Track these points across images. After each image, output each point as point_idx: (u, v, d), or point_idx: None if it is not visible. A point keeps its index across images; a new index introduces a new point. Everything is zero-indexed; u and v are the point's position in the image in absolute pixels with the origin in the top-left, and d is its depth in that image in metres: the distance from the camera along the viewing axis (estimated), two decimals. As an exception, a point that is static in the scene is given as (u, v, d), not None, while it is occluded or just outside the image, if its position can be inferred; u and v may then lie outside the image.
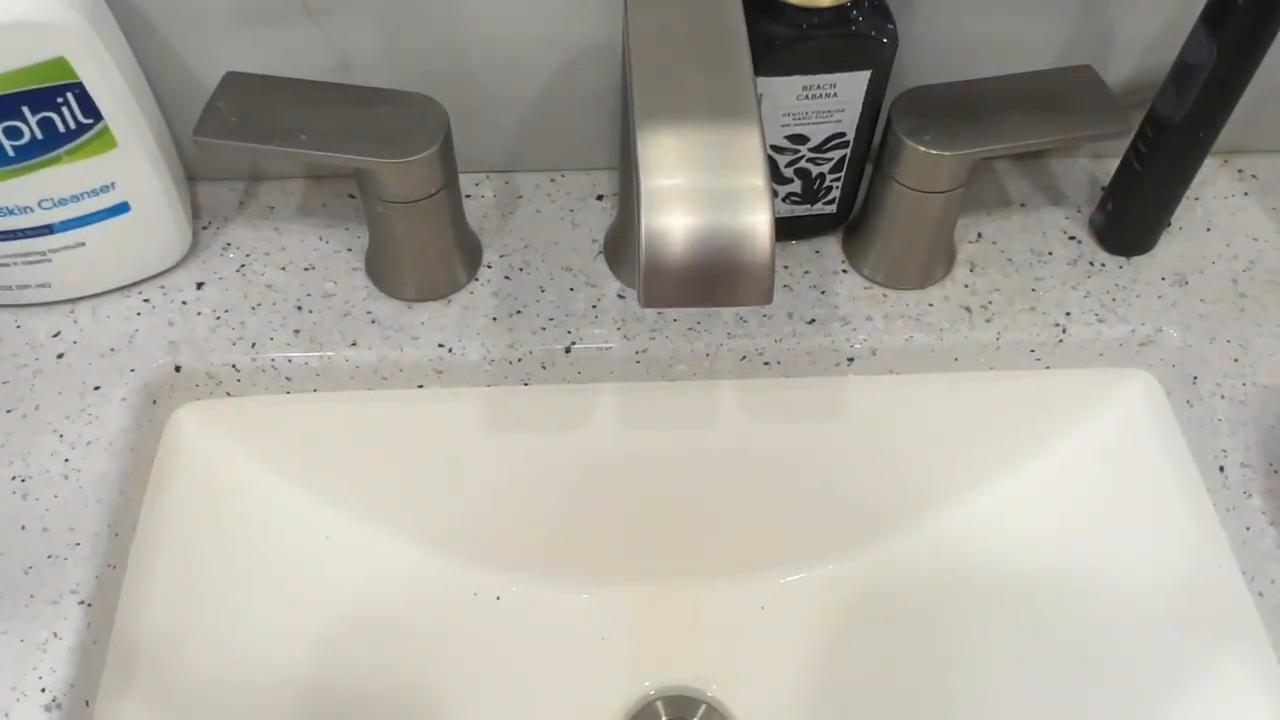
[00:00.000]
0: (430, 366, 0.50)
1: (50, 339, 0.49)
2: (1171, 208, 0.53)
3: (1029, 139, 0.47)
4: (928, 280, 0.52)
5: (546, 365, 0.50)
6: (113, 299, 0.51)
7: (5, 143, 0.43)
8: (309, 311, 0.50)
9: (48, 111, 0.43)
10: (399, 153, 0.45)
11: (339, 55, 0.49)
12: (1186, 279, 0.53)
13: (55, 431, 0.46)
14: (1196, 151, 0.49)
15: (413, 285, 0.51)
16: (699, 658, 0.57)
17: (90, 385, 0.48)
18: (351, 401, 0.51)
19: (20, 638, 0.41)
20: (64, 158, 0.45)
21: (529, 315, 0.51)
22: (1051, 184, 0.57)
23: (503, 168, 0.56)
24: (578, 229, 0.54)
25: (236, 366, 0.49)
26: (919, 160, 0.47)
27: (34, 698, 0.40)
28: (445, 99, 0.47)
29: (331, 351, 0.49)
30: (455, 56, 0.50)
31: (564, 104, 0.53)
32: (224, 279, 0.52)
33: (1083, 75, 0.49)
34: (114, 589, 0.44)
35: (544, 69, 0.51)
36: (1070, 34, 0.51)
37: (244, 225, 0.54)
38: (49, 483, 0.45)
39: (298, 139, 0.45)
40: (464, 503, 0.55)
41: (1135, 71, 0.53)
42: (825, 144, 0.48)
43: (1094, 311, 0.51)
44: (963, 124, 0.47)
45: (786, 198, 0.51)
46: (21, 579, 0.42)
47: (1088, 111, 0.48)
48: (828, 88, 0.46)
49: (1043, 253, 0.54)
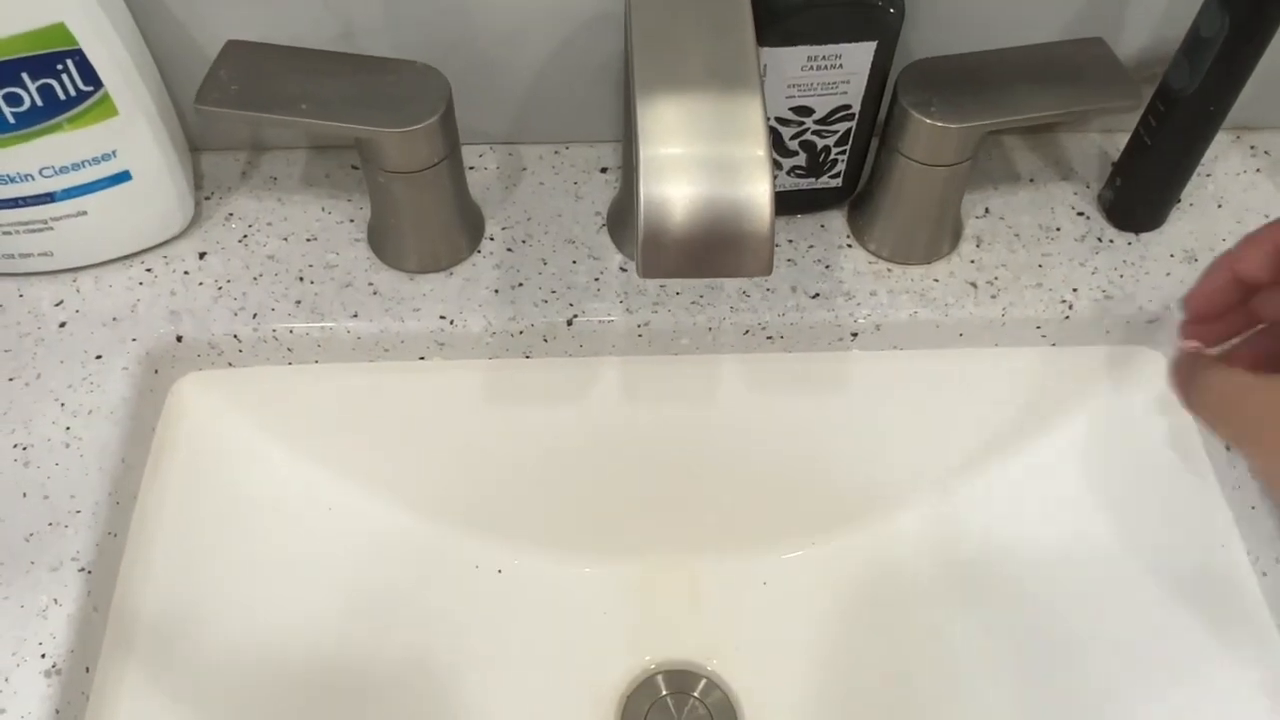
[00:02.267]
0: (432, 338, 0.50)
1: (52, 308, 0.49)
2: (1182, 183, 0.52)
3: (1037, 112, 0.46)
4: (933, 255, 0.52)
5: (548, 338, 0.50)
6: (115, 268, 0.51)
7: (5, 110, 0.43)
8: (311, 282, 0.50)
9: (48, 78, 0.43)
10: (400, 122, 0.44)
11: (341, 23, 0.49)
12: (1196, 256, 0.52)
13: (57, 400, 0.46)
14: (1208, 126, 0.48)
15: (414, 257, 0.50)
16: (700, 632, 0.57)
17: (92, 354, 0.48)
18: (353, 373, 0.51)
19: (21, 604, 0.41)
20: (65, 125, 0.44)
21: (531, 288, 0.50)
22: (1060, 159, 0.56)
23: (506, 139, 0.56)
24: (581, 201, 0.54)
25: (238, 337, 0.49)
26: (925, 133, 0.46)
27: (34, 664, 0.40)
28: (448, 69, 0.46)
29: (333, 323, 0.49)
30: (459, 25, 0.50)
31: (569, 75, 0.52)
32: (226, 249, 0.51)
33: (1093, 48, 0.48)
34: (115, 557, 0.44)
35: (548, 39, 0.50)
36: (1081, 5, 0.50)
37: (247, 195, 0.53)
38: (50, 451, 0.45)
39: (299, 108, 0.44)
40: (465, 475, 0.55)
41: (1147, 44, 0.52)
42: (830, 116, 0.48)
43: (1101, 288, 0.51)
44: (970, 96, 0.46)
45: (791, 171, 0.51)
46: (22, 546, 0.42)
47: (1098, 84, 0.47)
48: (833, 58, 0.45)
49: (1050, 228, 0.53)
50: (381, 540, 0.55)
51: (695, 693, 0.56)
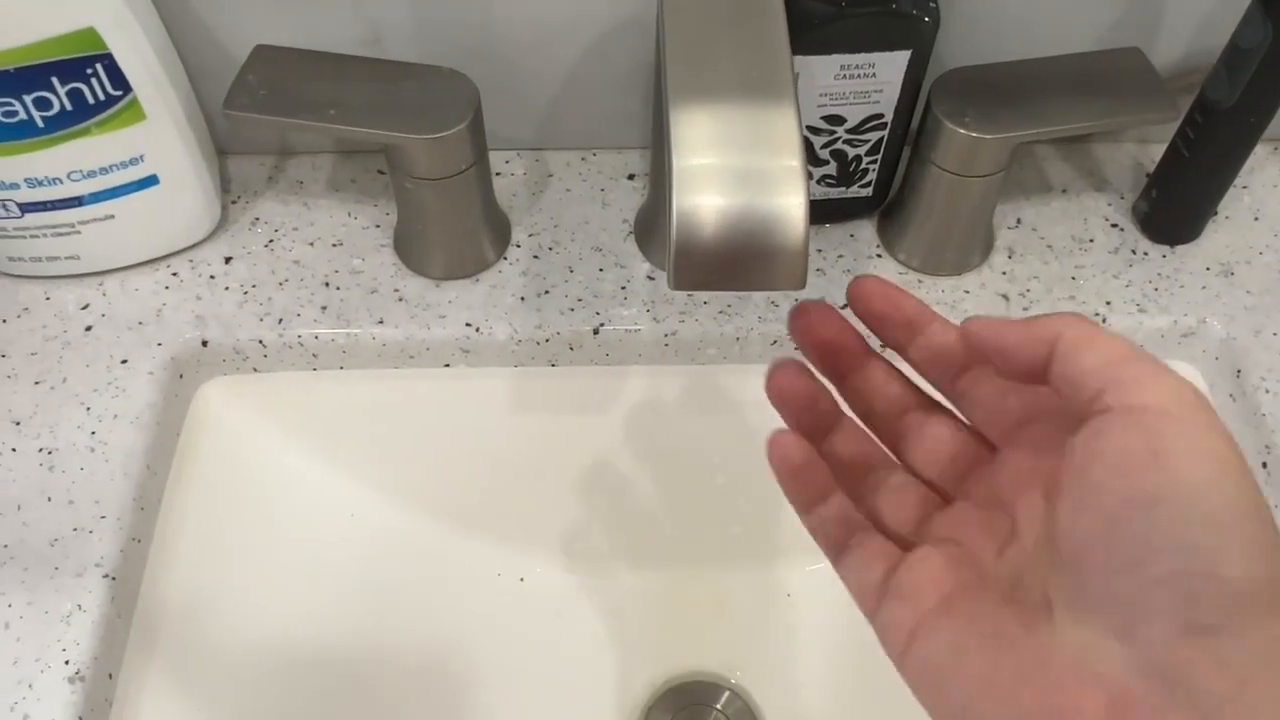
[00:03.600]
0: (457, 346, 0.49)
1: (79, 311, 0.49)
2: (1219, 196, 0.51)
3: (1072, 123, 0.46)
4: (964, 267, 0.51)
5: (574, 346, 0.50)
6: (141, 272, 0.50)
7: (35, 114, 0.43)
8: (336, 288, 0.50)
9: (77, 82, 0.43)
10: (428, 128, 0.44)
11: (370, 29, 0.49)
12: (1232, 269, 0.51)
13: (83, 404, 0.46)
14: (1247, 138, 0.48)
15: (441, 263, 0.50)
16: (723, 645, 0.56)
17: (118, 359, 0.48)
18: (378, 379, 0.51)
19: (45, 610, 0.41)
20: (93, 129, 0.44)
21: (557, 295, 0.50)
22: (1094, 169, 0.55)
23: (533, 145, 0.55)
24: (608, 209, 0.53)
25: (263, 342, 0.49)
26: (959, 143, 0.46)
27: (58, 670, 0.40)
28: (476, 74, 0.46)
29: (358, 329, 0.49)
30: (487, 31, 0.49)
31: (596, 81, 0.52)
32: (252, 254, 0.51)
33: (1130, 58, 0.47)
34: (139, 563, 0.44)
35: (576, 45, 0.50)
36: (1118, 15, 0.50)
37: (273, 200, 0.53)
38: (76, 455, 0.45)
39: (327, 113, 0.44)
40: (489, 483, 0.55)
41: (1185, 54, 0.51)
42: (862, 125, 0.47)
43: (1135, 301, 0.50)
44: (1004, 106, 0.46)
45: (821, 180, 0.50)
46: (47, 551, 0.42)
47: (1134, 95, 0.46)
48: (866, 67, 0.45)
49: (1084, 240, 0.52)
50: (404, 547, 0.55)
51: (718, 705, 0.55)
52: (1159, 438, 0.23)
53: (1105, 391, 0.24)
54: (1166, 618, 0.23)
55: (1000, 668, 0.25)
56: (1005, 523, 0.29)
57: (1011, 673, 0.25)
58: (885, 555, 0.30)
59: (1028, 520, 0.28)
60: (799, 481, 0.32)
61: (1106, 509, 0.23)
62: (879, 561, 0.30)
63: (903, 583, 0.29)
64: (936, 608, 0.28)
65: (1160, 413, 0.23)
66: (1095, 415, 0.24)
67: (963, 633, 0.27)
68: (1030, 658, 0.25)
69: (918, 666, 0.27)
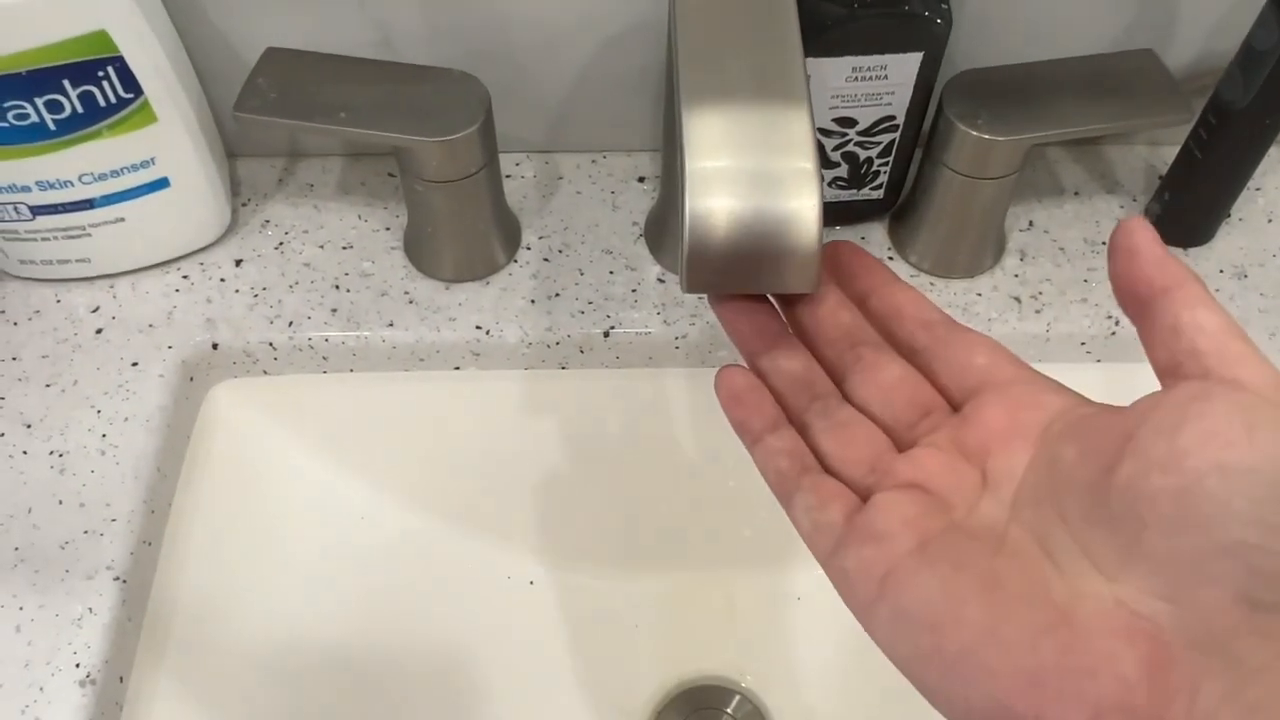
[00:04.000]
0: (467, 348, 0.49)
1: (89, 314, 0.49)
2: (1232, 198, 0.51)
3: (1085, 125, 0.46)
4: (976, 269, 0.51)
5: (585, 349, 0.49)
6: (152, 275, 0.50)
7: (46, 116, 0.43)
8: (347, 291, 0.50)
9: (88, 85, 0.43)
10: (439, 131, 0.44)
11: (380, 31, 0.49)
12: (1246, 272, 0.51)
13: (93, 407, 0.46)
14: (1261, 140, 0.47)
15: (451, 266, 0.50)
16: (733, 648, 0.56)
17: (128, 361, 0.48)
18: (388, 382, 0.50)
19: (56, 613, 0.41)
20: (104, 132, 0.44)
21: (568, 298, 0.50)
22: (1107, 171, 0.55)
23: (543, 148, 0.55)
24: (618, 211, 0.53)
25: (273, 345, 0.49)
26: (971, 145, 0.45)
27: (69, 673, 0.40)
28: (486, 77, 0.46)
29: (368, 331, 0.49)
30: (497, 34, 0.49)
31: (607, 84, 0.52)
32: (262, 256, 0.51)
33: (1143, 59, 0.47)
34: (149, 565, 0.44)
35: (587, 47, 0.50)
36: (1131, 16, 0.49)
37: (283, 202, 0.53)
38: (86, 458, 0.45)
39: (337, 116, 0.44)
40: (499, 486, 0.55)
41: (1199, 56, 0.51)
42: (874, 127, 0.47)
43: (1148, 304, 0.50)
44: (1017, 108, 0.45)
45: (833, 182, 0.50)
46: (58, 554, 0.42)
47: (1148, 97, 0.46)
48: (878, 69, 0.44)
49: (1096, 242, 0.52)
50: (414, 549, 0.55)
51: (728, 709, 0.55)
52: (1257, 416, 0.23)
53: (1209, 355, 0.24)
54: (1223, 584, 0.22)
55: (1009, 619, 0.24)
56: (973, 475, 0.28)
57: (1028, 623, 0.24)
58: (842, 497, 0.29)
59: (1005, 473, 0.27)
60: (744, 408, 0.31)
61: (1191, 468, 0.23)
62: (836, 502, 0.29)
63: (871, 523, 0.27)
64: (913, 551, 0.26)
65: (1260, 392, 0.24)
66: (1193, 378, 0.24)
67: (952, 578, 0.25)
68: (1047, 610, 0.24)
69: (897, 614, 0.26)
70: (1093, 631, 0.24)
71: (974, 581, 0.25)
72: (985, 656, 0.24)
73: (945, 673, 0.25)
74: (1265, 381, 0.24)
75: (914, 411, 0.30)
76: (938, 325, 0.31)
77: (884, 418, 0.30)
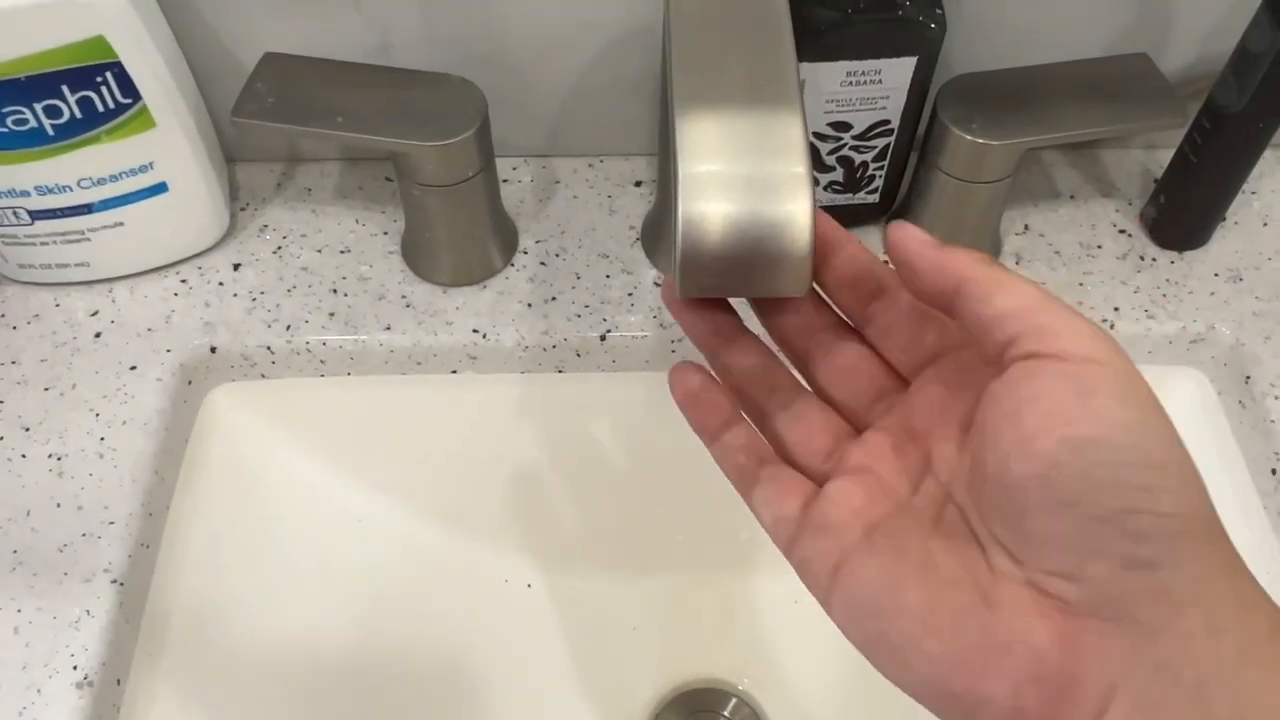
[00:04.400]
0: (464, 352, 0.49)
1: (88, 318, 0.49)
2: (1227, 201, 0.51)
3: (1080, 129, 0.46)
4: (972, 272, 0.51)
5: (581, 353, 0.50)
6: (150, 279, 0.51)
7: (45, 121, 0.43)
8: (344, 295, 0.50)
9: (87, 90, 0.43)
10: (435, 136, 0.44)
11: (378, 36, 0.49)
12: (1241, 275, 0.51)
13: (92, 410, 0.46)
14: (1255, 143, 0.48)
15: (448, 270, 0.50)
16: (730, 651, 0.56)
17: (127, 365, 0.48)
18: (385, 385, 0.51)
19: (54, 615, 0.41)
20: (103, 137, 0.45)
21: (564, 302, 0.50)
22: (1102, 175, 0.55)
23: (541, 152, 0.55)
24: (615, 215, 0.53)
25: (271, 349, 0.49)
26: (965, 149, 0.46)
27: (66, 675, 0.40)
28: (484, 82, 0.46)
29: (366, 335, 0.49)
30: (495, 39, 0.49)
31: (603, 88, 0.52)
32: (260, 260, 0.51)
33: (1138, 64, 0.47)
34: (147, 568, 0.44)
35: (583, 52, 0.50)
36: (1126, 21, 0.50)
37: (281, 207, 0.54)
38: (85, 461, 0.45)
39: (334, 121, 0.44)
40: (496, 489, 0.55)
41: (1193, 60, 0.51)
42: (869, 131, 0.47)
43: (1144, 308, 0.50)
44: (1011, 113, 0.46)
45: (828, 186, 0.50)
46: (56, 557, 0.43)
47: (1142, 101, 0.46)
48: (872, 74, 0.45)
49: (1091, 246, 0.52)
50: (411, 553, 0.55)
51: (725, 711, 0.55)
52: (1086, 383, 0.24)
53: (1023, 337, 0.25)
54: (1108, 554, 0.24)
55: (941, 603, 0.26)
56: (918, 455, 0.29)
57: (953, 608, 0.26)
58: (799, 488, 0.30)
59: (942, 456, 0.28)
60: (699, 408, 0.32)
61: (1042, 452, 0.24)
62: (793, 494, 0.30)
63: (824, 515, 0.29)
64: (861, 540, 0.28)
65: (1083, 360, 0.24)
66: (1016, 361, 0.25)
67: (893, 567, 0.27)
68: (971, 593, 0.26)
69: (848, 603, 0.28)
70: (1008, 610, 0.25)
71: (912, 568, 0.27)
72: (923, 643, 0.26)
73: (892, 657, 0.27)
74: (1083, 343, 0.24)
75: (870, 393, 0.31)
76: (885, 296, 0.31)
77: (843, 400, 0.32)
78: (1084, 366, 0.24)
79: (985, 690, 0.25)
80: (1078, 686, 0.24)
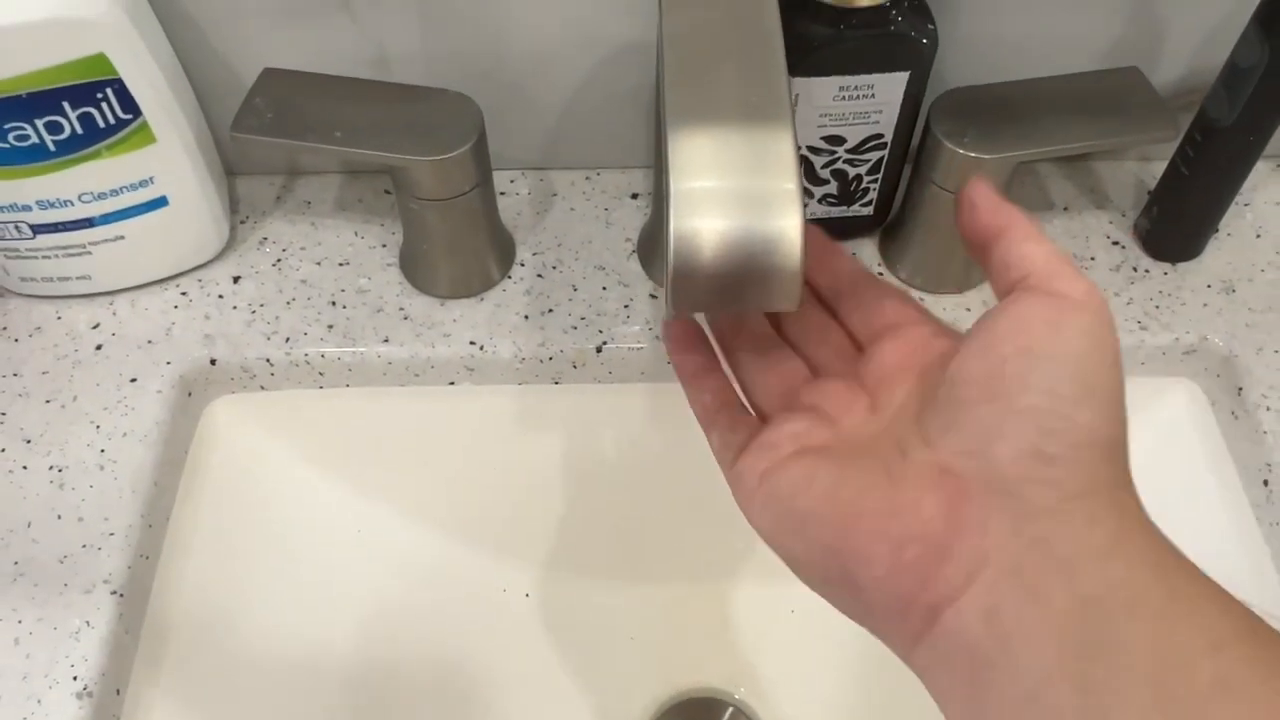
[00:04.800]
0: (462, 364, 0.50)
1: (89, 330, 0.50)
2: (1220, 213, 0.51)
3: (1071, 143, 0.46)
4: (966, 284, 0.51)
5: (578, 365, 0.50)
6: (151, 291, 0.51)
7: (46, 137, 0.44)
8: (343, 307, 0.51)
9: (87, 107, 0.43)
10: (433, 150, 0.45)
11: (376, 51, 0.50)
12: (1234, 286, 0.52)
13: (92, 422, 0.47)
14: (1247, 155, 0.48)
15: (446, 282, 0.51)
16: (727, 660, 0.57)
17: (127, 377, 0.48)
18: (383, 397, 0.51)
19: (54, 626, 0.41)
20: (103, 152, 0.45)
21: (561, 314, 0.50)
22: (1096, 187, 0.55)
23: (538, 164, 0.56)
24: (612, 228, 0.54)
25: (270, 361, 0.49)
26: (958, 163, 0.46)
27: (66, 686, 0.40)
28: (482, 95, 0.46)
29: (364, 347, 0.49)
30: (492, 53, 0.50)
31: (600, 101, 0.52)
32: (260, 273, 0.52)
33: (1129, 77, 0.48)
34: (147, 579, 0.45)
35: (580, 66, 0.51)
36: (1117, 35, 0.50)
37: (281, 220, 0.54)
38: (85, 473, 0.45)
39: (333, 136, 0.45)
40: (494, 499, 0.55)
41: (1184, 73, 0.52)
42: (862, 145, 0.48)
43: (1137, 319, 0.50)
44: (1004, 126, 0.46)
45: (823, 199, 0.51)
46: (56, 568, 0.43)
47: (1133, 115, 0.47)
48: (865, 88, 0.45)
49: (1085, 258, 0.53)
50: (410, 563, 0.55)
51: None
52: (1061, 314, 0.27)
53: (1032, 275, 0.28)
54: (1016, 440, 0.26)
55: (845, 482, 0.29)
56: (863, 400, 0.32)
57: (856, 485, 0.29)
58: (752, 423, 0.34)
59: (888, 401, 0.31)
60: (683, 352, 0.37)
61: (998, 355, 0.27)
62: (745, 427, 0.34)
63: (765, 436, 0.32)
64: (793, 454, 0.31)
65: (1070, 300, 0.27)
66: (1016, 291, 0.28)
67: (814, 465, 0.30)
68: (877, 474, 0.29)
69: (766, 499, 0.31)
70: (906, 484, 0.28)
71: (831, 464, 0.30)
72: (823, 512, 0.29)
73: (794, 532, 0.30)
74: (1081, 292, 0.27)
75: (836, 352, 0.35)
76: (858, 278, 0.36)
77: (810, 356, 0.36)
78: (1065, 302, 0.27)
79: (867, 549, 0.28)
80: (954, 550, 0.26)
